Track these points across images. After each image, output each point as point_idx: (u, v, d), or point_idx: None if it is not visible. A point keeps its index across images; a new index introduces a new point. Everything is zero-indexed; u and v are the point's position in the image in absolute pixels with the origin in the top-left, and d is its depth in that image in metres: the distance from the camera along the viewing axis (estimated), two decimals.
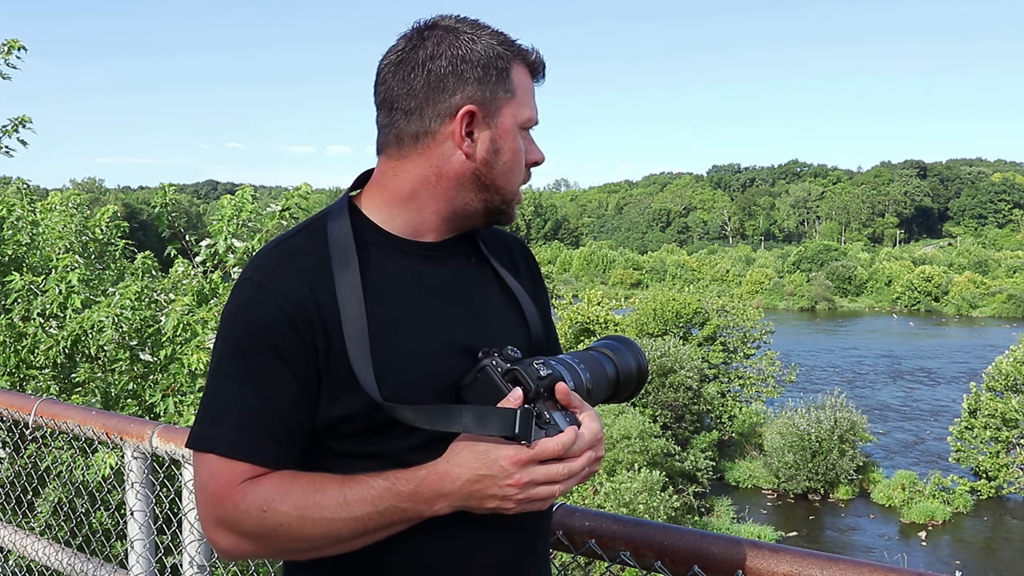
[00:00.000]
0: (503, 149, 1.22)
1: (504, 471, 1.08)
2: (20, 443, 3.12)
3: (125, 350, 4.96)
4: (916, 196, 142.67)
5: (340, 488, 1.11)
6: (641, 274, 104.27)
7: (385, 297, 1.19)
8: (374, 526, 1.10)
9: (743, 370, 38.32)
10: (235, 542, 1.14)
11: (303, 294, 1.14)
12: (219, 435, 1.13)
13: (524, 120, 1.24)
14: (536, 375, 1.13)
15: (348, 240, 1.19)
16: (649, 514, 21.70)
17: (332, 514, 1.09)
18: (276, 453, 1.13)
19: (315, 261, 1.18)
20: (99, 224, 6.74)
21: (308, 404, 1.15)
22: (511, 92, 1.22)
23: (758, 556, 1.34)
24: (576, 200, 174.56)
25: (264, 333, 1.13)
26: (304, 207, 5.89)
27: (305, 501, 1.10)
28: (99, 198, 71.08)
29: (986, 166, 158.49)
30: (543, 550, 1.33)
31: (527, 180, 1.30)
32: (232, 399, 1.14)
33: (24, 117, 6.42)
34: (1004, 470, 29.34)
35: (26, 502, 3.53)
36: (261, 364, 1.13)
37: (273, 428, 1.13)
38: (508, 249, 1.40)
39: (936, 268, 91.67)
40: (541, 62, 1.27)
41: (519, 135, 1.24)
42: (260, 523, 1.10)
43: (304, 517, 1.09)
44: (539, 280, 1.44)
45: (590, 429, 1.14)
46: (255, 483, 1.12)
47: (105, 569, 2.57)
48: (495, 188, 1.24)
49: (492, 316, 1.29)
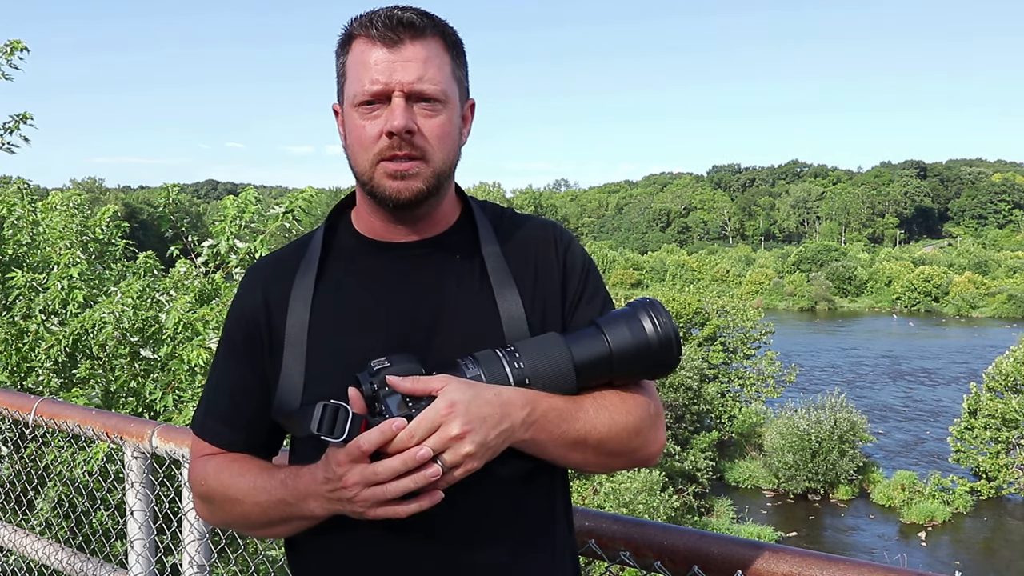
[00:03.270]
0: (347, 132, 1.24)
1: (336, 473, 1.07)
2: (20, 442, 3.12)
3: (126, 347, 4.97)
4: (916, 196, 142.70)
5: (257, 475, 1.22)
6: (641, 274, 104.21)
7: (332, 302, 1.26)
8: (275, 515, 1.19)
9: (743, 370, 38.34)
10: (198, 505, 1.33)
11: (257, 297, 1.29)
12: (197, 416, 1.35)
13: (352, 96, 1.20)
14: (371, 371, 1.10)
15: (315, 250, 1.30)
16: (649, 514, 21.71)
17: (243, 496, 1.22)
18: (229, 437, 1.30)
19: (279, 268, 1.31)
20: (99, 224, 6.75)
21: (264, 394, 1.27)
22: (345, 76, 1.23)
23: (758, 556, 1.34)
24: (576, 200, 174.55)
25: (231, 333, 1.32)
26: (307, 210, 5.91)
27: (230, 481, 1.24)
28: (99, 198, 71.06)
29: (986, 166, 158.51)
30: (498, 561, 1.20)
31: (398, 150, 1.18)
32: (208, 389, 1.35)
33: (25, 114, 6.42)
34: (1004, 470, 29.35)
35: (26, 501, 3.53)
36: (227, 359, 1.32)
37: (228, 414, 1.30)
38: (536, 248, 1.32)
39: (936, 268, 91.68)
40: (379, 24, 1.18)
41: (356, 112, 1.20)
42: (203, 493, 1.29)
43: (226, 496, 1.25)
44: (568, 278, 1.31)
45: (430, 410, 1.06)
46: (207, 459, 1.30)
47: (105, 569, 2.57)
48: (354, 171, 1.25)
49: (459, 316, 1.24)
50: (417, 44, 1.19)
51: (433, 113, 1.20)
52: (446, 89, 1.21)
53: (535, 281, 1.29)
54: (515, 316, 1.24)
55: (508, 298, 1.25)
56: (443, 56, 1.21)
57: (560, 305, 1.29)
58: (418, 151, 1.19)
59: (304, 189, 6.12)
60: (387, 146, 1.18)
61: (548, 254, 1.32)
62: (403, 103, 1.17)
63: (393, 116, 1.17)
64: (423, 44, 1.19)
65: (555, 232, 1.34)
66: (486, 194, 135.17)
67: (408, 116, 1.17)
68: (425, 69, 1.18)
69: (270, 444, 1.33)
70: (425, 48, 1.19)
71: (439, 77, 1.20)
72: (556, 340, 1.18)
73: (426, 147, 1.19)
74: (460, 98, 1.25)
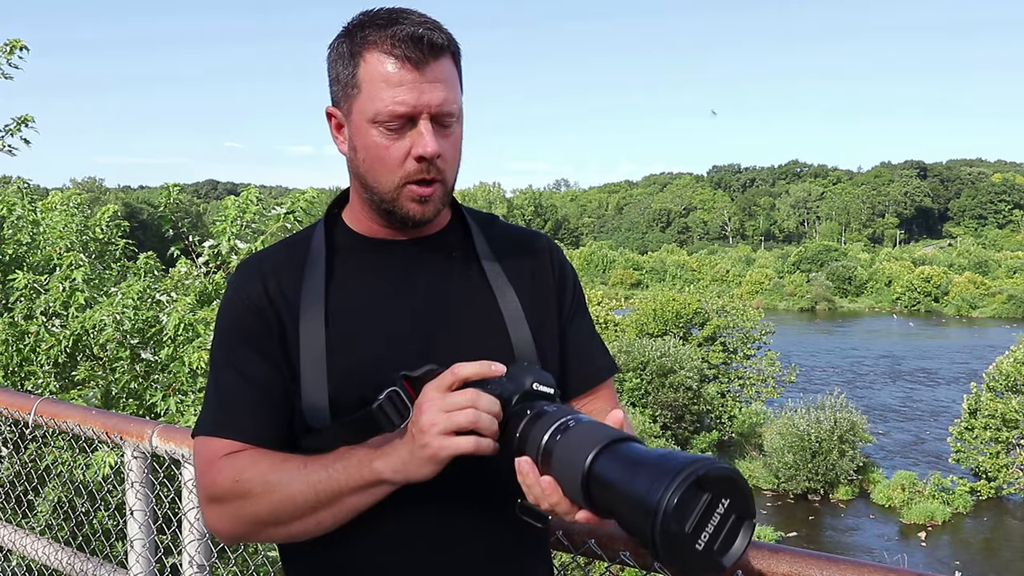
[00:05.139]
0: (358, 147, 1.21)
1: (421, 401, 1.08)
2: (20, 442, 3.12)
3: (126, 349, 4.96)
4: (916, 196, 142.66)
5: (303, 458, 1.16)
6: (641, 274, 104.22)
7: (344, 304, 1.24)
8: (327, 493, 1.12)
9: (743, 370, 38.34)
10: (217, 514, 1.19)
11: (258, 288, 1.24)
12: (204, 419, 1.23)
13: (372, 115, 1.17)
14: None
15: (319, 250, 1.27)
16: None
17: (290, 476, 1.14)
18: (252, 429, 1.20)
19: (276, 265, 1.27)
20: (99, 224, 6.75)
21: (281, 379, 1.21)
22: (357, 87, 1.18)
23: (758, 556, 1.34)
24: (576, 200, 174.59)
25: (233, 324, 1.24)
26: (308, 210, 5.91)
27: (271, 468, 1.15)
28: (99, 197, 71.05)
29: (986, 167, 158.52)
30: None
31: (425, 174, 1.19)
32: (215, 387, 1.24)
33: (27, 116, 6.42)
34: (1004, 471, 29.34)
35: (26, 502, 3.53)
36: (236, 351, 1.23)
37: (248, 405, 1.21)
38: (530, 254, 1.35)
39: (936, 268, 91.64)
40: (403, 41, 1.14)
41: (375, 129, 1.17)
42: (234, 492, 1.16)
43: (268, 482, 1.14)
44: (563, 289, 1.36)
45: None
46: (232, 456, 1.19)
47: (105, 569, 2.57)
48: (367, 186, 1.23)
49: (464, 314, 1.26)
50: (439, 64, 1.17)
51: (449, 133, 1.21)
52: (460, 106, 1.22)
53: (532, 285, 1.32)
54: (516, 316, 1.27)
55: (508, 298, 1.28)
56: (455, 73, 1.22)
57: (557, 314, 1.34)
58: (440, 174, 1.20)
59: (305, 190, 6.13)
60: (416, 170, 1.18)
61: (544, 262, 1.35)
62: (431, 127, 1.17)
63: (425, 143, 1.16)
64: (443, 64, 1.18)
65: (549, 243, 1.39)
66: (486, 194, 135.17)
67: (437, 141, 1.17)
68: (449, 91, 1.18)
69: (290, 444, 1.23)
70: (445, 68, 1.19)
71: (456, 96, 1.21)
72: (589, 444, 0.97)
73: (445, 168, 1.21)
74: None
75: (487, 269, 1.29)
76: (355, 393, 1.15)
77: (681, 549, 0.84)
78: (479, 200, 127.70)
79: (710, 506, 0.85)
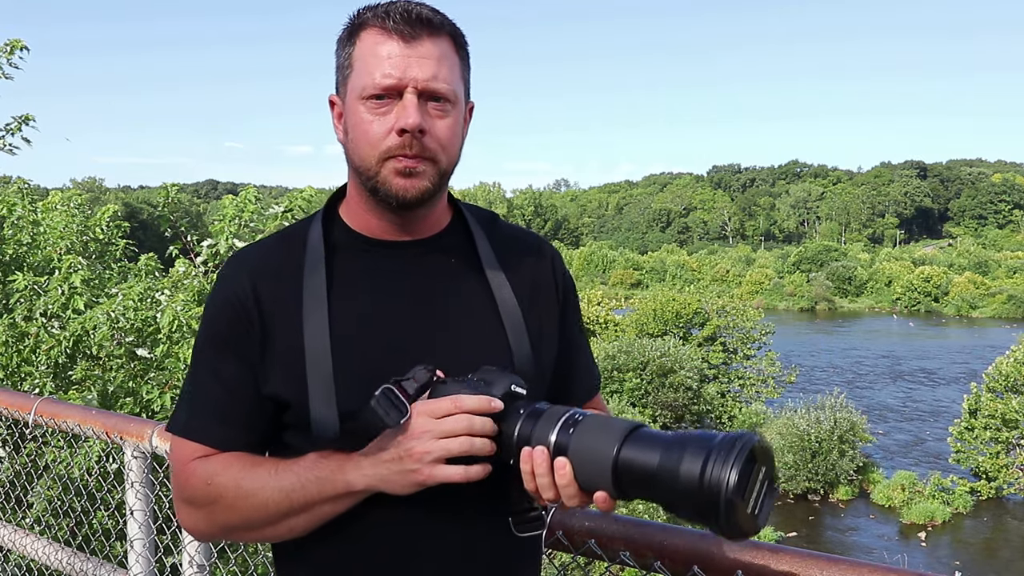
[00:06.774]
0: (350, 125, 1.19)
1: (408, 427, 1.08)
2: (20, 442, 3.12)
3: (122, 347, 4.97)
4: (916, 197, 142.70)
5: (275, 463, 1.17)
6: (641, 274, 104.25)
7: (345, 308, 1.21)
8: (300, 500, 1.13)
9: (743, 370, 38.36)
10: (190, 515, 1.22)
11: (245, 286, 1.21)
12: (179, 419, 1.24)
13: (359, 88, 1.16)
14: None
15: (317, 250, 1.23)
16: (649, 514, 21.70)
17: (262, 483, 1.15)
18: (224, 434, 1.20)
19: (270, 262, 1.24)
20: (100, 224, 6.75)
21: (257, 388, 1.20)
22: (351, 67, 1.18)
23: (758, 556, 1.34)
24: (576, 200, 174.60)
25: (214, 326, 1.23)
26: (306, 210, 5.91)
27: (242, 473, 1.16)
28: (99, 197, 71.02)
29: (986, 167, 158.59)
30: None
31: (408, 149, 1.15)
32: (192, 385, 1.24)
33: (27, 115, 6.42)
34: (1004, 471, 29.34)
35: (26, 502, 3.53)
36: (212, 354, 1.22)
37: (221, 410, 1.20)
38: (532, 260, 1.34)
39: (936, 269, 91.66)
40: (393, 15, 1.15)
41: (363, 106, 1.16)
42: (206, 495, 1.18)
43: (240, 487, 1.15)
44: (567, 300, 1.36)
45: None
46: (205, 460, 1.20)
47: (105, 568, 2.57)
48: (356, 167, 1.20)
49: (463, 318, 1.24)
50: (433, 41, 1.16)
51: (443, 114, 1.18)
52: (456, 89, 1.19)
53: (532, 292, 1.31)
54: (515, 322, 1.26)
55: (508, 303, 1.26)
56: (454, 56, 1.20)
57: (557, 323, 1.34)
58: (427, 152, 1.16)
59: (304, 189, 6.13)
60: (397, 144, 1.15)
61: (545, 269, 1.35)
62: (416, 100, 1.14)
63: (407, 114, 1.13)
64: (438, 42, 1.17)
65: (551, 250, 1.38)
66: (486, 194, 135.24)
67: (422, 115, 1.15)
68: (439, 68, 1.16)
69: (266, 444, 1.24)
70: (440, 46, 1.17)
71: (451, 77, 1.18)
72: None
73: (435, 149, 1.17)
74: (464, 100, 1.24)
75: (488, 273, 1.27)
76: (362, 404, 1.13)
77: (740, 516, 0.93)
78: (479, 200, 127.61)
79: (755, 474, 0.95)
